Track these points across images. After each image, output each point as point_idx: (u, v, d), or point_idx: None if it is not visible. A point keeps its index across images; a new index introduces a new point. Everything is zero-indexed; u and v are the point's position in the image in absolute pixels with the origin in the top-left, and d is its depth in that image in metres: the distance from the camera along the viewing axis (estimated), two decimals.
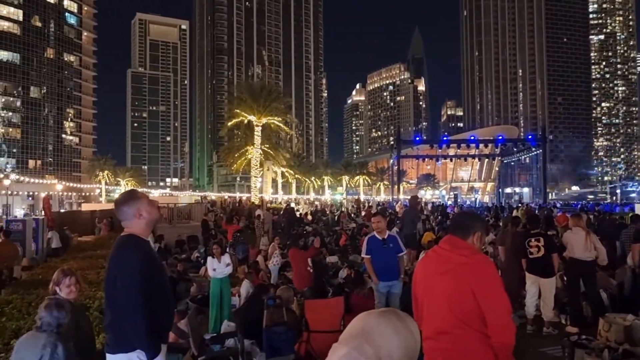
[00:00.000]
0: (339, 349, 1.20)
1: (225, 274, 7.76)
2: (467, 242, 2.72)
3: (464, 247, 2.69)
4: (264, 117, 37.36)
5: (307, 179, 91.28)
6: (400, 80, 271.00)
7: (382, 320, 1.23)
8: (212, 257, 7.87)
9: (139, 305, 2.62)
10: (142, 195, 2.99)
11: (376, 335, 1.20)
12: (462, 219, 2.89)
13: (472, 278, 2.56)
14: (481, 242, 2.79)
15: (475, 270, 2.58)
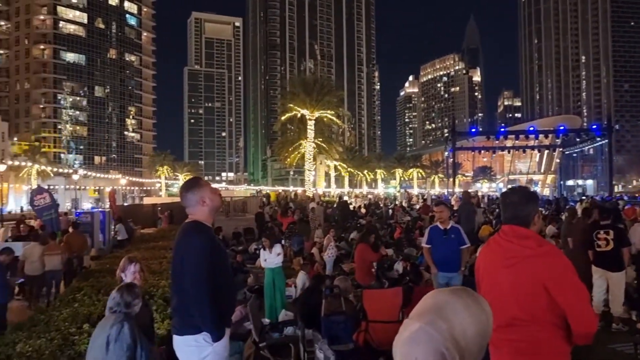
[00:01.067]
0: (411, 325, 1.16)
1: (276, 264, 7.79)
2: (530, 230, 2.55)
3: (528, 237, 2.52)
4: (317, 111, 37.50)
5: (360, 172, 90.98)
6: (454, 71, 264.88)
7: (454, 297, 1.20)
8: (264, 249, 7.98)
9: (204, 288, 2.71)
10: (205, 183, 3.08)
11: (449, 311, 1.16)
12: (517, 208, 2.61)
13: (544, 271, 2.41)
14: (540, 220, 2.61)
15: (546, 263, 2.43)
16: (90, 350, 3.15)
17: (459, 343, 1.12)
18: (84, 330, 5.51)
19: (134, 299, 3.25)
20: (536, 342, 2.38)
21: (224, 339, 2.83)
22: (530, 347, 2.39)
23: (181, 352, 2.87)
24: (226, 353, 2.88)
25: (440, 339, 1.10)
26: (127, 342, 3.02)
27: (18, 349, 4.95)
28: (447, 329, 1.12)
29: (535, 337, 2.40)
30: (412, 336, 1.12)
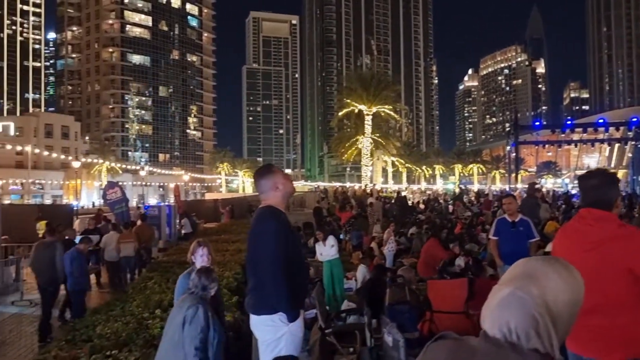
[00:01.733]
0: (501, 290, 1.12)
1: (332, 255, 7.77)
2: (609, 212, 2.45)
3: (608, 220, 2.42)
4: (374, 106, 37.34)
5: (417, 168, 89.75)
6: (516, 63, 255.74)
7: (545, 263, 1.18)
8: (317, 242, 8.05)
9: (279, 270, 2.82)
10: (277, 170, 3.21)
11: (540, 277, 1.13)
12: (599, 191, 2.51)
13: (627, 254, 2.31)
14: (621, 203, 2.49)
15: (630, 245, 2.33)
16: (169, 328, 3.34)
17: (550, 309, 1.09)
18: (156, 316, 5.82)
19: (211, 283, 3.42)
20: (615, 327, 2.30)
21: (299, 320, 2.94)
22: (608, 333, 2.31)
23: (258, 330, 3.00)
24: (301, 334, 2.98)
25: (532, 303, 1.07)
26: (201, 324, 3.18)
27: (98, 331, 5.30)
28: (538, 294, 1.09)
29: (614, 323, 2.31)
30: (504, 301, 1.10)
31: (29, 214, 17.63)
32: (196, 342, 3.19)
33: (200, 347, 3.22)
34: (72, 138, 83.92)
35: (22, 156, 74.62)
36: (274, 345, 2.81)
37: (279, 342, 2.80)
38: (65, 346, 4.73)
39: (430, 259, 6.67)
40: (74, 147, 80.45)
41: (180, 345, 3.20)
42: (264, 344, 2.93)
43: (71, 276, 7.34)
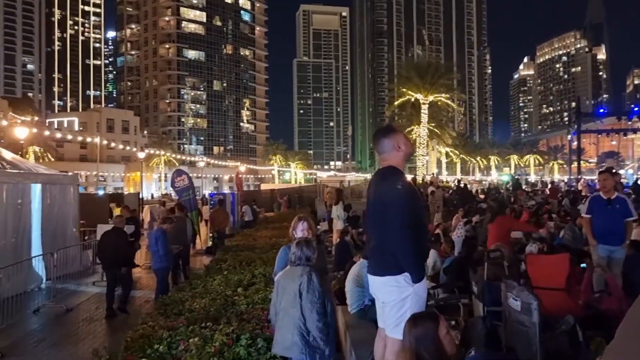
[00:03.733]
0: None
1: None
2: None
3: None
4: (431, 95, 36.69)
5: (472, 159, 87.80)
6: (575, 50, 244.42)
7: None
8: None
9: (407, 230, 2.78)
10: (399, 130, 3.18)
11: None
12: None
13: None
14: None
15: None
16: (281, 299, 3.46)
17: None
18: (239, 293, 6.03)
19: (313, 253, 3.52)
20: None
21: (424, 281, 2.91)
22: None
23: (381, 292, 2.99)
24: (425, 295, 2.95)
25: None
26: (318, 290, 3.31)
27: (187, 306, 5.53)
28: None
29: None
30: None
31: (100, 202, 18.54)
32: (318, 307, 3.35)
33: (322, 312, 3.38)
34: (132, 132, 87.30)
35: (86, 150, 78.47)
36: (399, 306, 2.80)
37: (405, 302, 2.78)
38: (161, 319, 4.96)
39: (503, 232, 6.44)
40: (133, 140, 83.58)
41: (298, 312, 3.37)
42: (389, 305, 2.91)
43: (156, 254, 7.64)
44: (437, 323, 2.41)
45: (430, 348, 2.31)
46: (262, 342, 3.90)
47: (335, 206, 12.61)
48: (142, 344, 4.03)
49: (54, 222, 10.54)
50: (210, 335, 4.11)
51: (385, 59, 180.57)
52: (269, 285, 6.19)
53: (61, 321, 7.78)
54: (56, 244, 9.51)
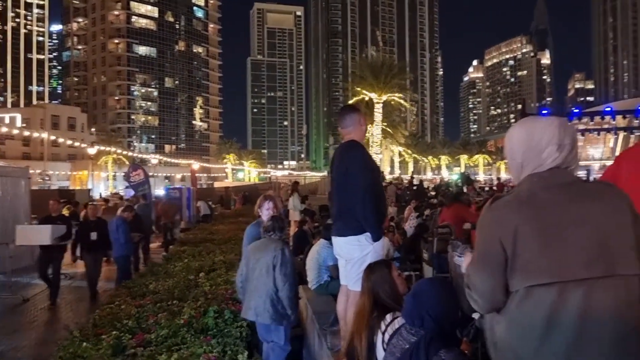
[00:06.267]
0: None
1: None
2: None
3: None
4: (384, 94, 37.45)
5: (424, 158, 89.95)
6: (521, 54, 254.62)
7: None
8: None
9: (369, 194, 3.13)
10: (360, 108, 3.55)
11: None
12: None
13: None
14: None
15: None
16: (253, 270, 3.74)
17: None
18: (201, 277, 6.20)
19: (284, 226, 3.82)
20: None
21: (382, 240, 3.24)
22: None
23: (344, 251, 3.31)
24: (382, 252, 3.30)
25: None
26: (291, 263, 3.65)
27: (151, 288, 5.66)
28: None
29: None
30: None
31: (49, 198, 18.02)
32: (290, 279, 3.74)
33: (293, 283, 3.79)
34: (79, 130, 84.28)
35: (29, 147, 75.22)
36: (360, 262, 3.10)
37: (365, 259, 3.09)
38: (129, 299, 5.09)
39: (457, 218, 6.85)
40: (80, 138, 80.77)
41: (271, 283, 3.70)
42: (350, 262, 3.23)
43: (117, 242, 7.67)
44: (391, 268, 2.77)
45: (386, 289, 2.65)
46: (229, 314, 4.12)
47: (291, 197, 12.88)
48: (110, 320, 4.16)
49: (6, 214, 10.31)
50: (178, 311, 4.29)
51: (339, 59, 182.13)
52: (230, 270, 6.39)
53: (20, 310, 7.76)
54: (7, 236, 9.32)
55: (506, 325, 1.55)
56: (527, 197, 1.55)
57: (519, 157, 1.63)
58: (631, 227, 1.50)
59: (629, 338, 1.45)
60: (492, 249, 1.54)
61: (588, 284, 1.44)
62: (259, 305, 3.70)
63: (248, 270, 3.85)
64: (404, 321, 2.29)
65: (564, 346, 1.45)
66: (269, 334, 3.80)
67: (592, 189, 1.59)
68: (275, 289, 3.69)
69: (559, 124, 1.61)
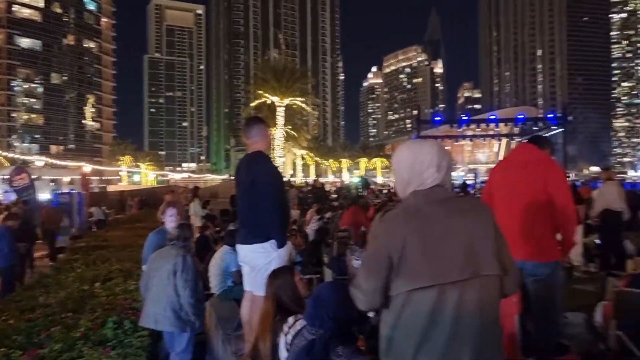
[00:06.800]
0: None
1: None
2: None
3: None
4: (287, 98, 37.75)
5: (325, 161, 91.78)
6: (417, 63, 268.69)
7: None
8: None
9: (276, 202, 3.28)
10: (264, 121, 3.68)
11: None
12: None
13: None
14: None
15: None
16: (153, 278, 3.68)
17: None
18: (97, 287, 5.93)
19: (190, 236, 3.82)
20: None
21: (286, 247, 3.37)
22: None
23: (249, 258, 3.41)
24: (286, 257, 3.43)
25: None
26: (192, 269, 3.64)
27: (42, 301, 5.31)
28: None
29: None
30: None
31: None
32: (191, 285, 3.73)
33: (195, 289, 3.77)
34: None
35: None
36: (265, 268, 3.20)
37: (270, 265, 3.20)
38: (17, 314, 4.75)
39: (355, 221, 7.17)
40: None
41: (172, 290, 3.69)
42: (255, 269, 3.34)
43: (0, 252, 7.08)
44: (293, 273, 2.93)
45: (288, 293, 2.80)
46: (129, 325, 4.02)
47: (192, 203, 12.65)
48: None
49: None
50: (74, 323, 4.10)
51: (241, 60, 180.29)
52: (128, 279, 6.17)
53: None
54: None
55: (393, 324, 1.78)
56: (414, 211, 1.79)
57: (405, 176, 1.89)
58: (493, 237, 1.79)
59: (491, 327, 1.76)
60: (381, 256, 1.78)
61: (461, 285, 1.70)
62: (158, 313, 3.68)
63: (148, 278, 3.81)
64: (306, 323, 2.45)
65: (442, 340, 1.69)
66: (173, 340, 3.80)
67: (464, 205, 1.86)
68: (176, 296, 3.69)
69: (437, 150, 1.88)
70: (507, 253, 1.87)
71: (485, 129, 65.24)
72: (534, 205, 3.26)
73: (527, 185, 3.34)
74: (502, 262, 1.81)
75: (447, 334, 1.70)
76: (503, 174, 3.59)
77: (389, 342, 1.82)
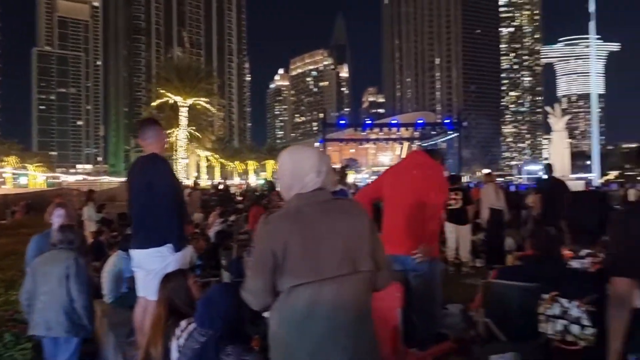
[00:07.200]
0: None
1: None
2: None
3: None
4: (190, 98, 36.86)
5: (231, 163, 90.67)
6: (323, 66, 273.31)
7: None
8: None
9: (173, 205, 3.26)
10: (159, 123, 3.64)
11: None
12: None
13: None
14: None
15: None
16: (42, 284, 3.50)
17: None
18: None
19: (75, 238, 3.65)
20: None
21: (183, 250, 3.34)
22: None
23: (146, 262, 3.32)
24: (183, 261, 3.39)
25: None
26: (85, 273, 3.51)
27: None
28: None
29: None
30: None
31: None
32: (85, 288, 3.64)
33: (88, 293, 3.71)
34: None
35: None
36: (161, 273, 3.13)
37: (166, 269, 3.14)
38: None
39: (257, 220, 7.34)
40: None
41: (65, 295, 3.57)
42: (151, 274, 3.25)
43: None
44: (186, 276, 2.93)
45: (182, 296, 2.80)
46: (10, 337, 3.79)
47: (86, 207, 12.03)
48: None
49: None
50: None
51: (143, 57, 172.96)
52: (10, 289, 5.85)
53: None
54: None
55: (277, 321, 1.89)
56: (295, 213, 1.90)
57: (287, 180, 2.00)
58: (368, 235, 1.95)
59: (365, 318, 1.91)
60: (265, 257, 1.87)
61: (339, 280, 1.83)
62: (51, 319, 3.54)
63: (35, 285, 3.62)
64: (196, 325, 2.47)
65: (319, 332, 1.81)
66: (58, 349, 3.63)
67: (343, 206, 2.01)
68: (69, 300, 3.58)
69: (318, 156, 2.01)
70: (381, 251, 2.05)
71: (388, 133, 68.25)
72: (418, 206, 3.56)
73: (414, 187, 3.64)
74: (376, 260, 1.97)
75: (324, 326, 1.81)
76: (395, 176, 3.87)
77: (274, 338, 1.92)
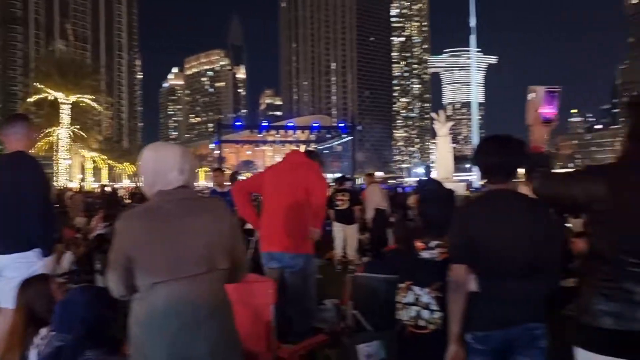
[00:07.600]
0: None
1: None
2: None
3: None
4: (73, 95, 34.42)
5: (119, 164, 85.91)
6: (220, 67, 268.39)
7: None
8: None
9: (42, 208, 3.04)
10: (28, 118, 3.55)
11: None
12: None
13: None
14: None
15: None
16: None
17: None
18: None
19: None
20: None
21: (53, 255, 3.14)
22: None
23: (9, 269, 3.04)
24: (53, 266, 3.19)
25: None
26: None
27: None
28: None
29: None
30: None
31: None
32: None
33: None
34: None
35: None
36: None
37: (32, 275, 2.92)
38: None
39: None
40: None
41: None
42: (13, 281, 2.93)
43: None
44: (49, 281, 2.76)
45: (43, 302, 2.62)
46: None
47: None
48: None
49: None
50: None
51: (19, 49, 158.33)
52: None
53: None
54: None
55: (136, 318, 1.88)
56: (155, 209, 1.90)
57: (149, 177, 1.98)
58: (228, 234, 1.98)
59: (222, 312, 1.94)
60: (118, 252, 1.87)
61: (197, 278, 1.85)
62: None
63: None
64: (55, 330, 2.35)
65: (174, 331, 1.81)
66: None
67: (205, 204, 2.04)
68: None
69: (180, 153, 2.01)
70: (241, 249, 2.12)
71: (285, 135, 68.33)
72: (294, 203, 3.67)
73: (291, 185, 3.75)
74: (235, 257, 2.02)
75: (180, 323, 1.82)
76: (274, 174, 3.96)
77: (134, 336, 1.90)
